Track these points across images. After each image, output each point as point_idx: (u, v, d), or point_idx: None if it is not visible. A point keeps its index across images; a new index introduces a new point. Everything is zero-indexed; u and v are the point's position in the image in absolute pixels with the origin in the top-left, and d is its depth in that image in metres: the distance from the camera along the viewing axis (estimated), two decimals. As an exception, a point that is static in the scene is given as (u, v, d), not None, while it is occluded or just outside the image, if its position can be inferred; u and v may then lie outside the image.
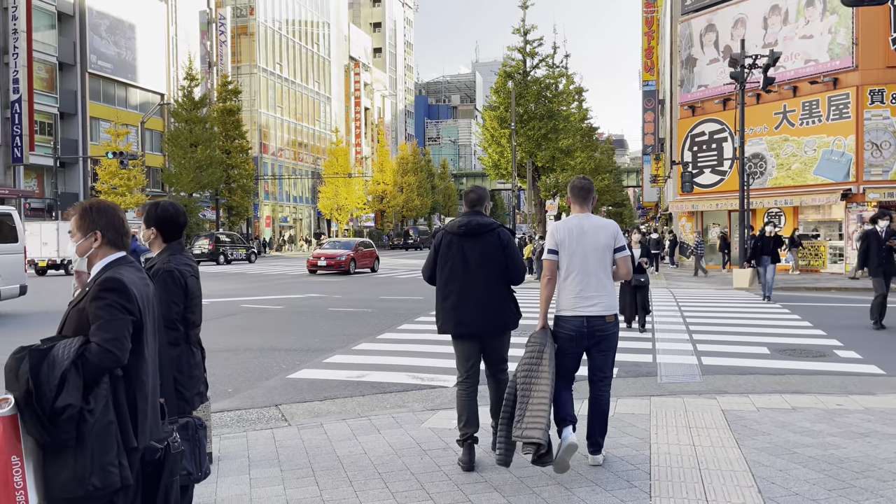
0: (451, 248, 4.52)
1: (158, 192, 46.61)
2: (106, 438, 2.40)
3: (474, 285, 4.44)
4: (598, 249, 4.40)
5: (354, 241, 29.31)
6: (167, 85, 51.26)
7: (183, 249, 3.70)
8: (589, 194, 4.55)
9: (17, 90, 38.28)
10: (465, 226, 4.50)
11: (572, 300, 4.36)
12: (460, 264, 4.48)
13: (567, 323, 4.38)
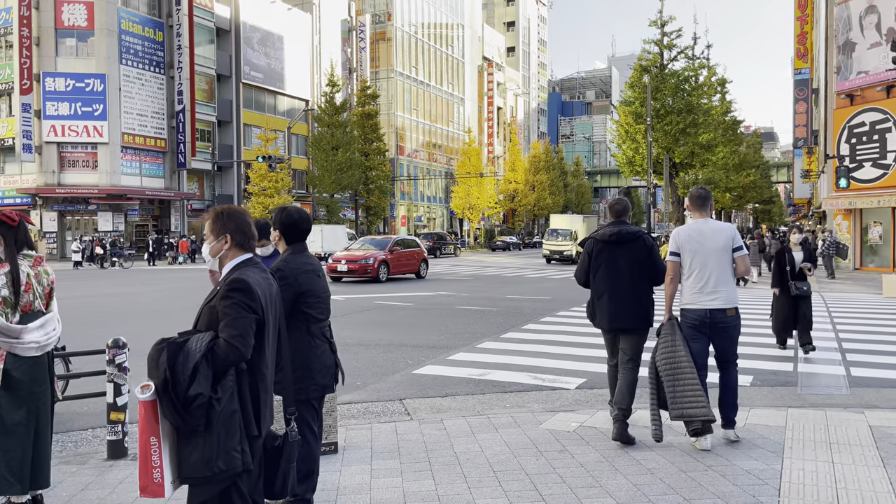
0: (601, 254, 5.19)
1: (303, 194, 49.37)
2: (231, 425, 2.62)
3: (623, 286, 5.09)
4: (717, 250, 5.01)
5: (391, 240, 23.82)
6: (311, 91, 54.13)
7: (304, 251, 3.92)
8: (706, 202, 5.20)
9: (181, 101, 41.94)
10: (616, 234, 5.14)
11: (695, 295, 5.00)
12: (611, 268, 5.14)
13: (691, 314, 5.03)
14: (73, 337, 8.80)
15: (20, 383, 3.72)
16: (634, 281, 5.09)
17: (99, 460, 4.82)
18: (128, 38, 39.92)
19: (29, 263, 3.83)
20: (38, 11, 37.71)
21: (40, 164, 38.01)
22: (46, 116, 37.91)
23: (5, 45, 39.08)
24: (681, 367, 4.81)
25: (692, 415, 4.74)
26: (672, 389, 4.81)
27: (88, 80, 38.38)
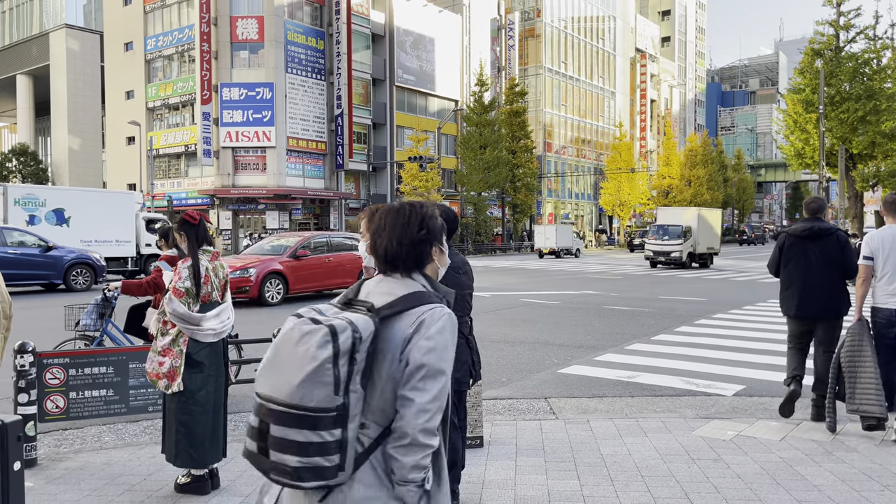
0: (793, 248, 5.65)
1: (451, 192, 50.41)
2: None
3: (812, 278, 5.51)
4: None
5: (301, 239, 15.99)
6: (460, 91, 55.10)
7: (451, 247, 4.03)
8: None
9: (339, 105, 44.30)
10: (808, 230, 5.56)
11: (887, 296, 5.23)
12: (802, 261, 5.57)
13: (882, 312, 5.25)
14: (245, 325, 9.58)
15: (200, 366, 4.13)
16: (823, 273, 5.49)
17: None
18: (293, 48, 42.75)
19: (207, 258, 4.24)
20: (217, 28, 41.36)
21: (217, 168, 41.68)
22: (223, 124, 41.51)
23: (188, 59, 43.23)
24: (864, 364, 5.08)
25: (869, 411, 5.04)
26: (852, 384, 5.12)
27: (258, 89, 41.56)
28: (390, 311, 1.75)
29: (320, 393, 1.61)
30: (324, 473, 1.63)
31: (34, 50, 53.80)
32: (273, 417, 1.64)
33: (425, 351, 1.70)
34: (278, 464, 1.64)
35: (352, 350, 1.65)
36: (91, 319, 6.30)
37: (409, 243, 1.84)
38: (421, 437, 1.68)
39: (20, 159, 51.41)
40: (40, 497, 4.06)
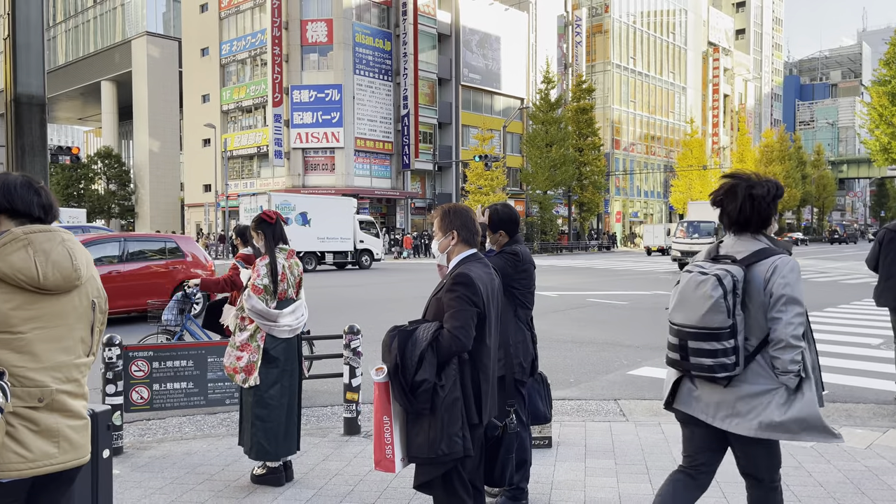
0: (892, 243, 5.95)
1: (516, 191, 50.16)
2: (453, 412, 2.77)
3: None
4: None
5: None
6: (526, 90, 54.76)
7: (521, 242, 4.08)
8: None
9: (405, 106, 44.73)
10: None
11: None
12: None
13: None
14: (316, 322, 9.79)
15: (277, 362, 4.26)
16: None
17: (337, 435, 5.33)
18: (361, 49, 43.42)
19: (283, 256, 4.36)
20: (287, 31, 42.40)
21: (288, 168, 42.74)
22: (294, 125, 42.53)
23: (260, 63, 44.47)
24: None
25: None
26: None
27: (327, 91, 42.39)
28: (751, 261, 2.65)
29: (718, 318, 2.58)
30: (727, 368, 2.59)
31: (117, 57, 56.40)
32: (689, 336, 2.67)
33: (782, 286, 2.57)
34: (696, 364, 2.66)
35: (733, 289, 2.58)
36: (172, 315, 6.57)
37: (759, 211, 2.70)
38: (792, 340, 2.54)
39: (105, 161, 53.99)
40: (126, 484, 4.26)
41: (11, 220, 2.06)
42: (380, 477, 4.32)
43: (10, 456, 1.93)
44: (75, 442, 2.09)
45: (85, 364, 2.16)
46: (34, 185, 2.12)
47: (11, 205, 2.06)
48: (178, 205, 55.07)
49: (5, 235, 1.98)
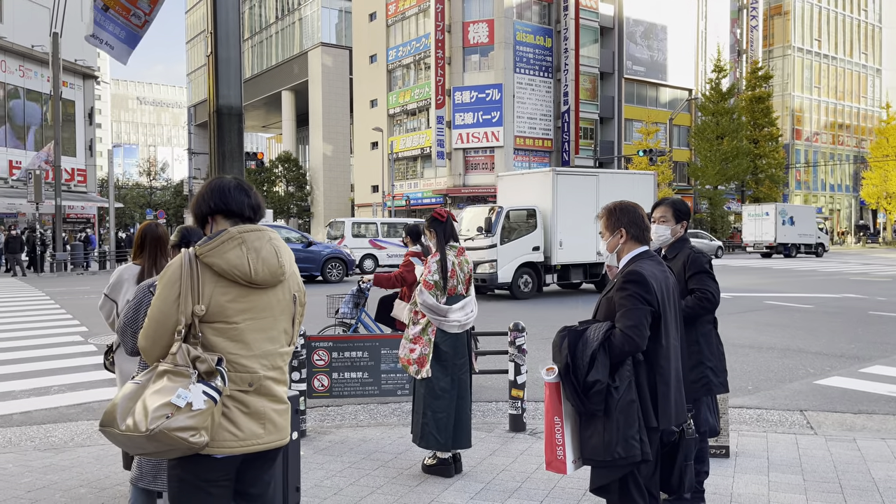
0: None
1: (683, 186, 47.81)
2: (629, 414, 2.69)
3: None
4: None
5: None
6: (695, 80, 52.04)
7: (688, 241, 3.90)
8: None
9: (566, 102, 44.18)
10: None
11: None
12: None
13: None
14: (481, 318, 9.93)
15: (446, 355, 4.38)
16: None
17: (502, 431, 5.38)
18: (521, 47, 43.48)
19: (454, 253, 4.47)
20: (450, 34, 43.42)
21: (450, 169, 43.78)
22: (455, 126, 43.50)
23: (424, 67, 45.91)
24: None
25: None
26: None
27: (488, 91, 42.90)
28: None
29: None
30: None
31: (295, 68, 60.70)
32: None
33: None
34: None
35: None
36: (348, 308, 6.97)
37: None
38: None
39: (284, 165, 58.37)
40: (309, 464, 4.58)
41: (226, 220, 2.28)
42: (547, 476, 4.30)
43: (224, 434, 2.14)
44: (279, 424, 2.28)
45: (287, 353, 2.35)
46: (244, 187, 2.33)
47: (227, 206, 2.27)
48: (349, 205, 58.27)
49: (222, 234, 2.20)
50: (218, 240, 2.18)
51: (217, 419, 2.10)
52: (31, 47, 33.73)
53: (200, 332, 2.13)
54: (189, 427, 2.01)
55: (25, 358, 8.66)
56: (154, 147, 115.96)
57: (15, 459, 4.82)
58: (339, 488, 4.19)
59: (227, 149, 4.87)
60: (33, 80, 35.18)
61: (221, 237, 2.18)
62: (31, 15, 33.83)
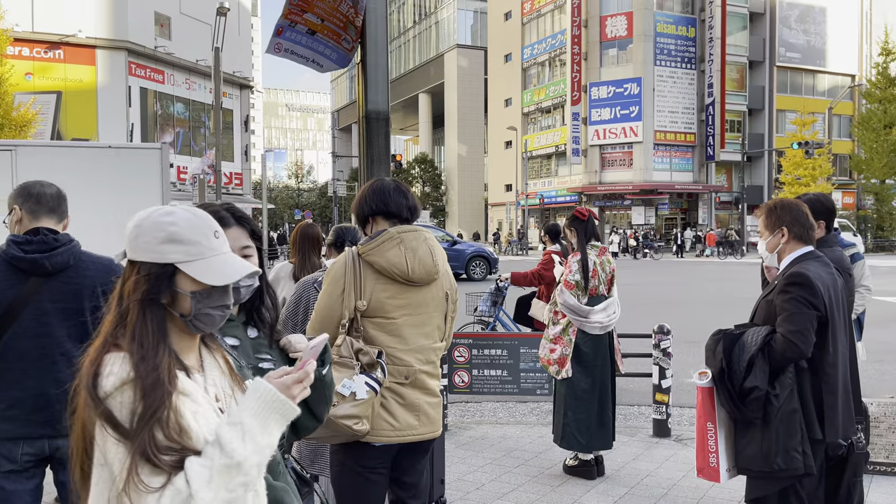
0: None
1: (845, 181, 44.07)
2: (791, 424, 2.54)
3: None
4: None
5: None
6: (858, 65, 47.78)
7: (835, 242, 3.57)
8: None
9: (710, 94, 41.99)
10: None
11: None
12: None
13: None
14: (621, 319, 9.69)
15: (587, 356, 4.33)
16: None
17: (645, 436, 5.24)
18: (662, 39, 41.85)
19: (595, 253, 4.41)
20: (587, 29, 42.63)
21: (585, 166, 43.00)
22: (591, 122, 42.65)
23: (559, 63, 45.38)
24: None
25: None
26: None
27: (626, 85, 41.68)
28: None
29: None
30: None
31: (432, 70, 62.03)
32: None
33: None
34: None
35: None
36: (486, 306, 7.06)
37: None
38: None
39: (421, 166, 59.87)
40: (452, 458, 4.69)
41: (385, 221, 2.40)
42: (695, 484, 4.15)
43: (382, 424, 2.26)
44: (432, 417, 2.38)
45: (440, 348, 2.44)
46: (403, 189, 2.45)
47: (386, 207, 2.40)
48: (483, 204, 58.77)
49: (383, 234, 2.32)
50: (378, 240, 2.30)
51: (376, 409, 2.23)
52: (196, 62, 36.87)
53: (362, 325, 2.27)
54: (352, 415, 2.14)
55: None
56: (301, 151, 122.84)
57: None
58: (482, 483, 4.27)
59: (375, 152, 5.08)
60: (197, 91, 38.44)
61: (382, 237, 2.31)
62: (195, 32, 36.97)
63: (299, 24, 4.60)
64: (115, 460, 1.17)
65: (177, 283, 1.28)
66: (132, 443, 1.15)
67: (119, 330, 1.25)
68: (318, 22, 4.65)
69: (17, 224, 2.40)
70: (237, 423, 1.21)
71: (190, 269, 1.27)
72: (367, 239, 2.34)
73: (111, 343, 1.24)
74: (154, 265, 1.26)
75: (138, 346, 1.22)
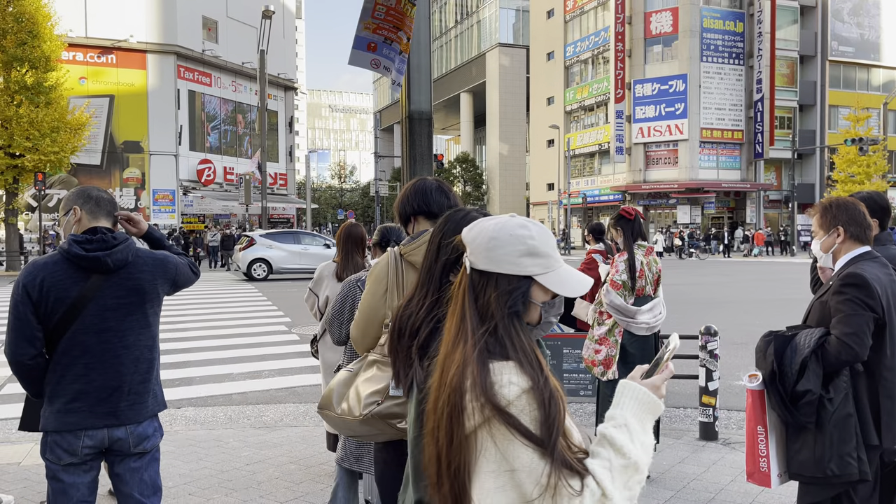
0: None
1: (901, 178, 42.59)
2: (845, 429, 2.47)
3: None
4: None
5: None
6: (916, 58, 46.13)
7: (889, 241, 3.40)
8: None
9: (759, 90, 41.02)
10: None
11: None
12: None
13: None
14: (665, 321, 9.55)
15: (633, 357, 4.27)
16: None
17: (691, 439, 5.15)
18: (709, 35, 41.05)
19: (642, 252, 4.35)
20: (631, 26, 42.06)
21: (629, 164, 42.44)
22: (635, 120, 42.08)
23: (602, 61, 44.88)
24: None
25: None
26: None
27: (671, 82, 41.00)
28: None
29: None
30: None
31: (473, 70, 62.02)
32: None
33: None
34: None
35: None
36: (529, 306, 7.01)
37: None
38: None
39: (462, 166, 59.91)
40: (494, 458, 4.68)
41: (427, 221, 2.41)
42: (744, 488, 4.06)
43: None
44: None
45: None
46: (445, 189, 2.45)
47: (428, 207, 2.40)
48: (524, 203, 58.51)
49: (424, 234, 2.33)
50: (420, 240, 2.31)
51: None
52: (242, 64, 37.58)
53: None
54: (396, 414, 2.15)
55: (240, 344, 9.68)
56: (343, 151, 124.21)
57: (235, 435, 5.42)
58: (524, 484, 4.25)
59: (418, 152, 5.11)
60: (243, 93, 39.18)
61: (424, 237, 2.31)
62: (240, 35, 37.67)
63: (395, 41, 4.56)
64: (529, 466, 1.21)
65: (531, 295, 1.33)
66: (546, 449, 1.20)
67: (490, 340, 1.28)
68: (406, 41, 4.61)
69: (75, 224, 2.49)
70: (623, 426, 1.27)
71: (546, 281, 1.32)
72: (409, 239, 2.35)
73: (485, 353, 1.27)
74: (514, 277, 1.31)
75: (523, 356, 1.26)
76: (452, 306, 1.35)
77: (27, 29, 22.73)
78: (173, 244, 3.39)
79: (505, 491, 1.23)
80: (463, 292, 1.34)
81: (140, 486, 2.52)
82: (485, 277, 1.32)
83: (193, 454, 4.90)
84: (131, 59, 33.84)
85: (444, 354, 1.31)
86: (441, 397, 1.27)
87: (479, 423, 1.22)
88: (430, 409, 1.30)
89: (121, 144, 33.91)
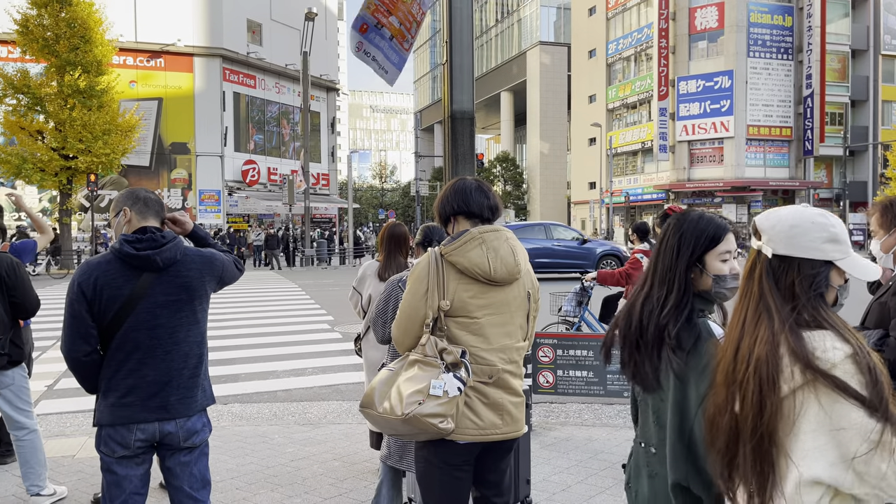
0: None
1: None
2: None
3: None
4: None
5: None
6: (976, 50, 44.30)
7: None
8: None
9: (809, 85, 39.94)
10: None
11: None
12: None
13: None
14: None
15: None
16: None
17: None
18: (756, 29, 40.14)
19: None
20: (675, 22, 41.37)
21: (673, 162, 41.76)
22: (679, 118, 41.37)
23: (645, 58, 44.24)
24: None
25: None
26: None
27: (717, 79, 40.19)
28: None
29: None
30: None
31: (514, 69, 61.76)
32: None
33: None
34: None
35: None
36: (571, 306, 6.95)
37: None
38: None
39: (502, 165, 59.72)
40: (537, 458, 4.65)
41: (467, 220, 2.40)
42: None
43: (466, 422, 2.27)
44: (515, 416, 2.36)
45: (522, 348, 2.42)
46: (484, 189, 2.44)
47: (468, 207, 2.40)
48: (565, 202, 58.04)
49: (465, 235, 2.33)
50: (461, 240, 2.30)
51: (461, 408, 2.23)
52: (285, 66, 38.10)
53: (445, 325, 2.28)
54: (438, 414, 2.16)
55: (285, 342, 9.83)
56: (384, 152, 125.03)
57: (280, 431, 5.50)
58: (568, 485, 4.22)
59: (460, 151, 5.10)
60: (286, 95, 39.73)
61: (464, 237, 2.31)
62: (283, 37, 38.21)
63: (385, 27, 4.61)
64: (859, 424, 1.25)
65: (830, 278, 1.41)
66: (877, 410, 1.24)
67: (798, 318, 1.36)
68: (398, 26, 4.65)
69: (126, 224, 2.55)
70: None
71: (846, 265, 1.41)
72: (450, 239, 2.35)
73: (797, 327, 1.34)
74: (816, 262, 1.40)
75: (841, 326, 1.35)
76: (744, 290, 1.45)
77: (80, 34, 23.45)
78: (217, 242, 3.45)
79: (824, 451, 1.27)
80: (759, 276, 1.42)
81: (190, 479, 2.57)
82: (785, 262, 1.41)
83: (239, 449, 4.99)
84: (179, 63, 34.62)
85: (739, 333, 1.40)
86: (742, 370, 1.35)
87: (798, 386, 1.29)
88: (722, 382, 1.39)
89: (168, 146, 34.73)
